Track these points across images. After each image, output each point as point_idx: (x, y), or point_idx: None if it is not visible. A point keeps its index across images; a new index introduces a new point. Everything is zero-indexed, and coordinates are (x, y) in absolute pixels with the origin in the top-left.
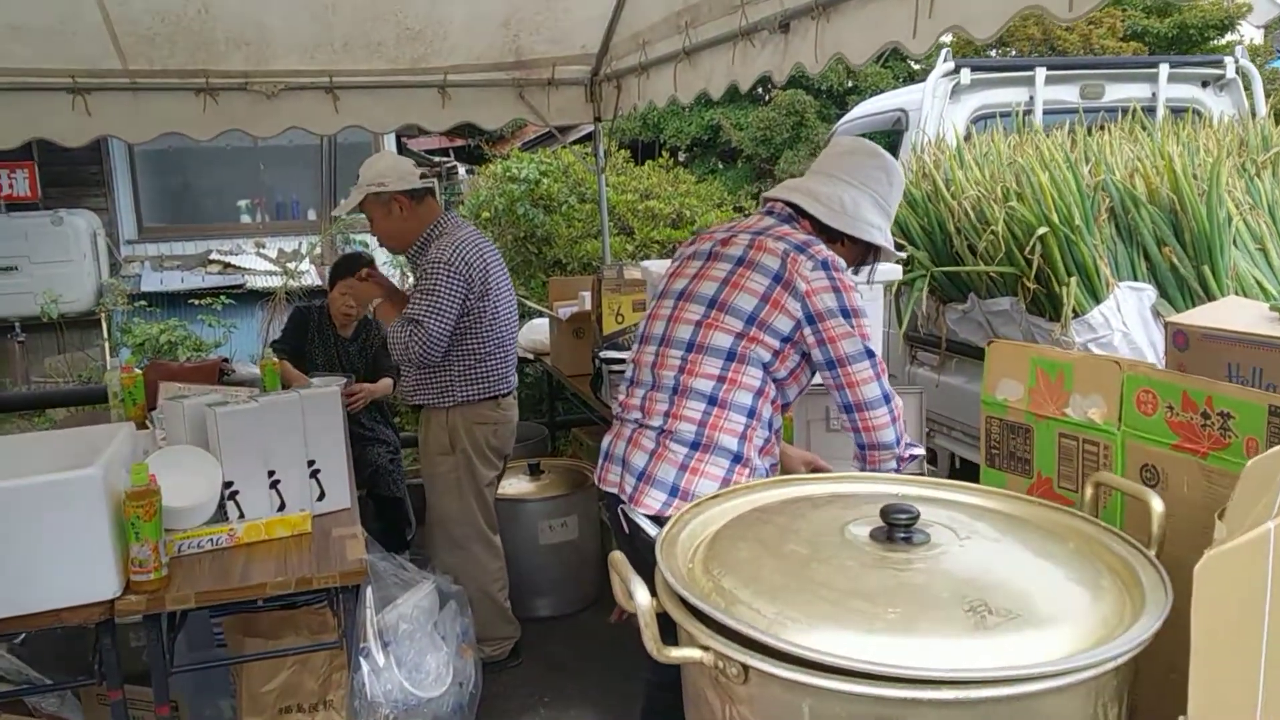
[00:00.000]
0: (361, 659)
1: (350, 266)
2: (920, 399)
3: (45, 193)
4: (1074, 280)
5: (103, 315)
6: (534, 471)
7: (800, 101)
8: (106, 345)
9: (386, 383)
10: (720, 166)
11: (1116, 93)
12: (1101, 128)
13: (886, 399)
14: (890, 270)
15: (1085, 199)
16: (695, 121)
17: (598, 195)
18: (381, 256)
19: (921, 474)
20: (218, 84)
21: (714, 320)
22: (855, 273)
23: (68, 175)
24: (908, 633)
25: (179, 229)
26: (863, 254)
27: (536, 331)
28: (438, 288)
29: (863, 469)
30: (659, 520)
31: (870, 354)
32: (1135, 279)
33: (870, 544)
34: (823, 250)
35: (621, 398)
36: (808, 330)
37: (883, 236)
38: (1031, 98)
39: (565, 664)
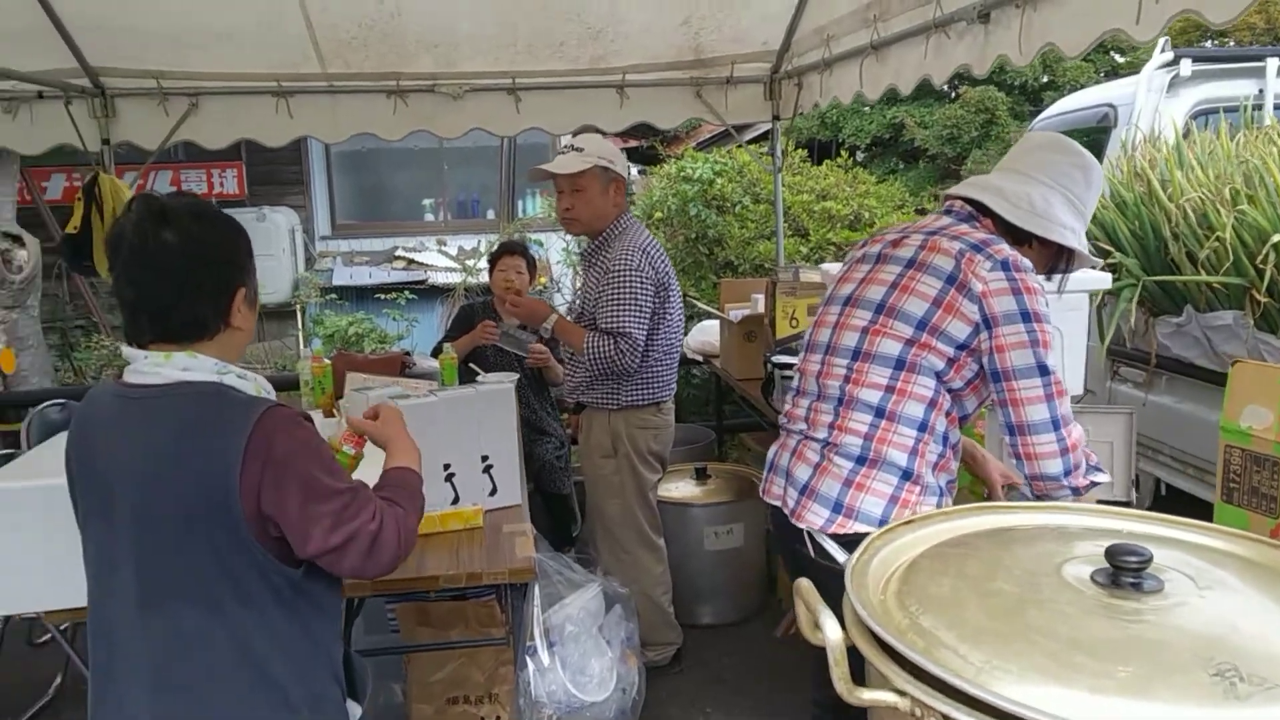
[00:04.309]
0: (527, 657)
1: (508, 250)
2: (1129, 420)
3: (251, 191)
4: None
5: (298, 307)
6: (700, 476)
7: (991, 98)
8: (300, 335)
9: (560, 368)
10: (901, 166)
11: None
12: None
13: (1056, 424)
14: (1097, 278)
15: None
16: (876, 120)
17: (773, 196)
18: (557, 244)
19: (1129, 503)
20: (408, 86)
21: (881, 326)
22: (1046, 280)
23: (270, 175)
24: (1142, 696)
25: (368, 226)
26: (1053, 259)
27: (706, 333)
28: (636, 295)
29: (1033, 496)
30: (838, 540)
31: (1044, 370)
32: None
33: (1093, 588)
34: (1004, 249)
35: (787, 407)
36: (984, 335)
37: (1076, 239)
38: (1261, 91)
39: (727, 675)
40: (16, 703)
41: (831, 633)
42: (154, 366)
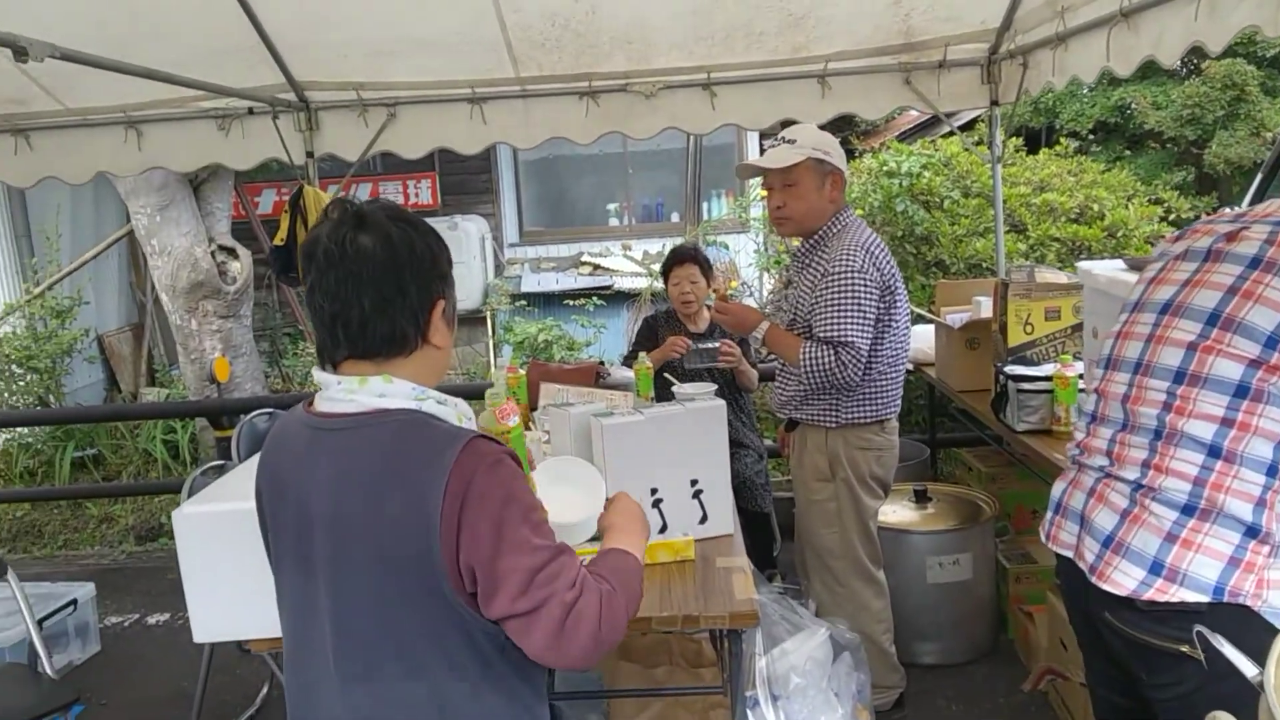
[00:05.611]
0: (749, 711)
1: (679, 259)
2: None
3: (443, 200)
4: None
5: (488, 314)
6: (919, 498)
7: (1240, 72)
8: (490, 342)
9: (753, 373)
10: (1127, 153)
11: None
12: None
13: None
14: None
15: None
16: (1099, 103)
17: (987, 189)
18: (747, 246)
19: None
20: (600, 86)
21: (1216, 342)
22: None
23: (461, 184)
24: None
25: (554, 232)
26: None
27: (917, 339)
28: (859, 300)
29: None
30: (1133, 604)
31: None
32: None
33: None
34: None
35: (1080, 437)
36: None
37: None
38: None
39: None
40: (227, 708)
41: None
42: (347, 393)
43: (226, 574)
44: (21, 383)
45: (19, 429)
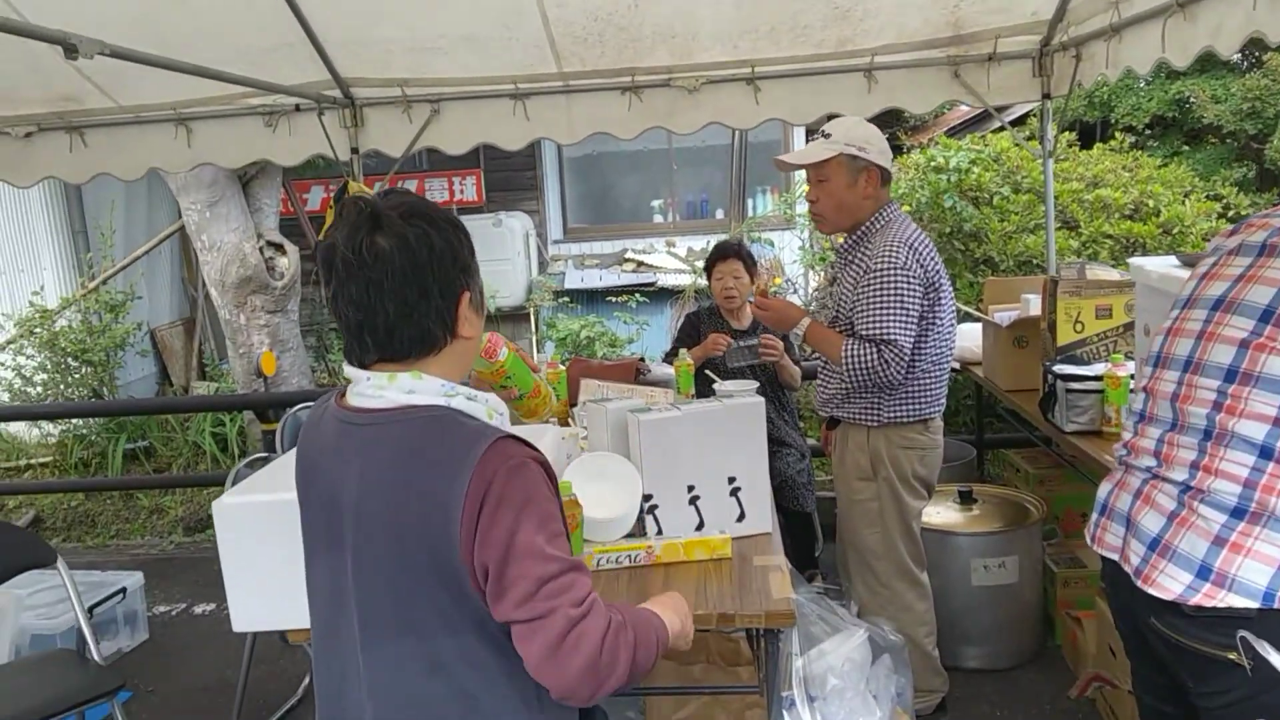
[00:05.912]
0: (784, 711)
1: (722, 254)
2: None
3: (488, 197)
4: None
5: (531, 310)
6: (964, 499)
7: None
8: (534, 339)
9: (796, 370)
10: (1185, 148)
11: None
12: None
13: None
14: None
15: None
16: (1156, 96)
17: (1038, 184)
18: (792, 243)
19: None
20: (642, 81)
21: (1270, 340)
22: None
23: (506, 181)
24: None
25: (598, 229)
26: None
27: (964, 338)
28: (903, 297)
29: None
30: (1180, 609)
31: None
32: None
33: None
34: None
35: (1128, 437)
36: None
37: None
38: None
39: None
40: (269, 698)
41: None
42: (377, 389)
43: (265, 564)
44: (76, 375)
45: (74, 420)
